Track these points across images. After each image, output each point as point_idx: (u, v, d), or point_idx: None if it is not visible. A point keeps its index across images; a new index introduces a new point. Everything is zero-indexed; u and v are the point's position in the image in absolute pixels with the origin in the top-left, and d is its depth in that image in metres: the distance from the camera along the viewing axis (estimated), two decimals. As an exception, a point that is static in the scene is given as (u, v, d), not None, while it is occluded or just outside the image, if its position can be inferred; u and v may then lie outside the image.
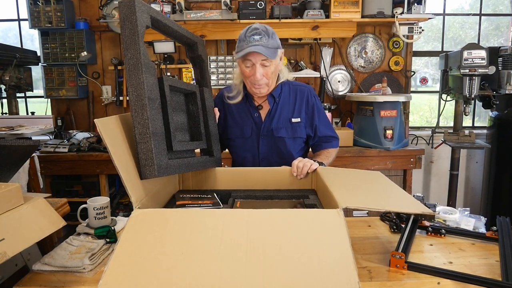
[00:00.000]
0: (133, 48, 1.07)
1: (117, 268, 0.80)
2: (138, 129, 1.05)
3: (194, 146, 1.37)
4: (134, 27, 1.06)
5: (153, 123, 1.07)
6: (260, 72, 1.52)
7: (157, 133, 1.08)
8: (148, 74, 1.08)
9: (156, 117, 1.09)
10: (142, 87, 1.06)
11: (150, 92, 1.08)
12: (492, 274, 1.00)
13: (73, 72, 3.18)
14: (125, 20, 1.08)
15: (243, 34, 1.51)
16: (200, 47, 1.53)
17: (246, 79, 1.59)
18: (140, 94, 1.06)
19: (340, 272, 0.79)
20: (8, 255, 0.84)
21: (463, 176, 3.63)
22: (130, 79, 1.07)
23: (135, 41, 1.06)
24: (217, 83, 3.23)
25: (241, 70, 1.58)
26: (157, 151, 1.06)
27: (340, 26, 3.03)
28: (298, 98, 1.69)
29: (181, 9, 2.89)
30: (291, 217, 0.94)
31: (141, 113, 1.05)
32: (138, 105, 1.06)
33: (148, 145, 1.05)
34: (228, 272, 0.79)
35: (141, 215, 0.95)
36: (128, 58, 1.07)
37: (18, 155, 1.19)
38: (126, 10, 1.08)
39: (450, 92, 3.10)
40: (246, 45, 1.48)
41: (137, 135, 1.06)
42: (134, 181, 1.04)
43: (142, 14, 1.09)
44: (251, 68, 1.53)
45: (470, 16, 3.81)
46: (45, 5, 3.01)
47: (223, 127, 1.74)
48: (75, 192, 2.87)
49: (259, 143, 1.68)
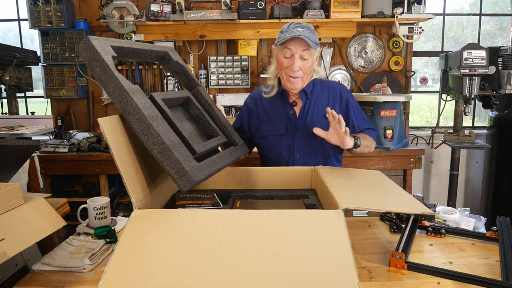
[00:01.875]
0: (111, 81, 1.03)
1: (117, 268, 0.80)
2: (156, 150, 1.02)
3: (215, 142, 1.34)
4: (102, 62, 1.03)
5: (166, 136, 1.04)
6: (298, 63, 1.55)
7: (175, 144, 1.05)
8: (137, 97, 1.05)
9: (166, 130, 1.06)
10: (138, 110, 1.02)
11: (148, 111, 1.05)
12: (492, 274, 1.00)
13: (73, 72, 3.18)
14: (91, 61, 1.04)
15: (286, 26, 1.55)
16: (172, 54, 1.48)
17: (282, 71, 1.60)
18: (140, 117, 1.02)
19: (340, 272, 0.79)
20: (8, 255, 0.84)
21: (463, 176, 3.63)
22: (124, 109, 1.04)
23: (110, 74, 1.03)
24: (217, 83, 3.23)
25: (279, 61, 1.60)
26: (183, 159, 1.04)
27: (340, 26, 3.03)
28: (331, 94, 1.71)
29: (181, 9, 2.89)
30: (291, 218, 0.94)
31: (150, 134, 1.02)
32: (143, 128, 1.02)
33: (172, 158, 1.02)
34: (228, 272, 0.79)
35: (141, 215, 0.95)
36: (111, 92, 1.04)
37: (18, 155, 1.19)
38: (87, 52, 1.04)
39: (450, 92, 3.10)
40: (289, 34, 1.51)
41: (158, 156, 1.02)
42: (135, 181, 1.04)
43: (103, 48, 1.06)
44: (290, 59, 1.56)
45: (471, 16, 3.81)
46: (45, 5, 3.01)
47: (257, 125, 1.74)
48: (75, 192, 2.87)
49: (294, 140, 1.67)
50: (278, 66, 1.63)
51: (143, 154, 1.15)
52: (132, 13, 2.94)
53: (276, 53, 1.63)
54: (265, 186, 1.50)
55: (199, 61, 3.29)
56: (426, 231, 1.26)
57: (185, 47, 3.26)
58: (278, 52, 1.60)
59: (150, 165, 1.18)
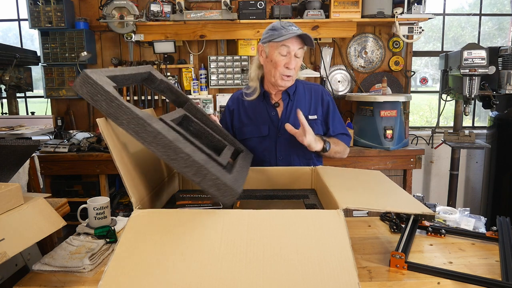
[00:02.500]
0: (122, 113, 0.96)
1: (117, 268, 0.80)
2: (190, 172, 0.95)
3: (229, 153, 1.33)
4: (107, 95, 0.96)
5: (196, 155, 0.97)
6: (295, 61, 1.55)
7: (206, 161, 1.00)
8: (154, 122, 0.98)
9: (193, 150, 1.00)
10: (162, 136, 0.94)
11: (170, 135, 0.97)
12: (492, 274, 1.00)
13: (73, 72, 3.18)
14: (94, 96, 0.96)
15: (279, 24, 1.54)
16: (155, 73, 1.41)
17: (277, 69, 1.57)
18: (165, 143, 0.94)
19: (340, 272, 0.79)
20: (8, 255, 0.84)
21: (463, 176, 3.63)
22: (144, 138, 0.95)
23: (120, 105, 0.96)
24: (217, 83, 3.23)
25: (273, 59, 1.57)
26: (220, 174, 0.98)
27: (340, 26, 3.03)
28: (313, 96, 1.71)
29: (181, 9, 2.89)
30: (291, 218, 0.94)
31: (180, 157, 0.94)
32: (170, 153, 0.94)
33: (209, 176, 0.95)
34: (228, 272, 0.79)
35: (141, 215, 0.95)
36: (125, 124, 0.95)
37: (18, 155, 1.19)
38: (87, 87, 0.97)
39: (450, 92, 3.10)
40: (287, 32, 1.50)
41: (193, 178, 0.95)
42: (135, 181, 1.04)
43: (102, 80, 1.00)
44: (286, 57, 1.55)
45: (470, 16, 3.81)
46: (45, 5, 3.01)
47: (239, 127, 1.74)
48: (75, 192, 2.87)
49: (277, 141, 1.67)
50: (271, 64, 1.59)
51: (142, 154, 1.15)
52: (132, 13, 2.94)
53: (267, 51, 1.59)
54: (265, 186, 1.50)
55: (199, 61, 3.29)
56: (426, 231, 1.26)
57: (185, 47, 3.26)
58: (271, 49, 1.56)
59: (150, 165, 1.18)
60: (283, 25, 1.54)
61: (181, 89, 3.31)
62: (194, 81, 3.25)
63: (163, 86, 1.44)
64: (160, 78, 1.41)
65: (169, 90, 1.47)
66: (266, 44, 1.59)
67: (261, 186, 1.50)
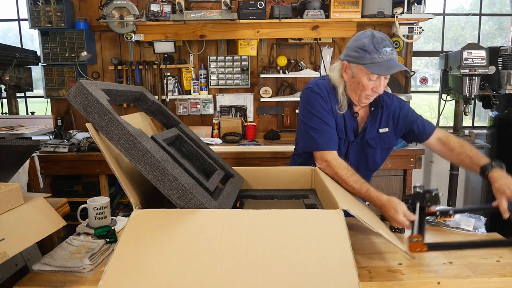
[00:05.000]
0: (113, 127, 0.95)
1: (117, 268, 0.80)
2: (175, 195, 0.96)
3: (219, 178, 1.31)
4: (101, 108, 0.96)
5: (183, 178, 0.98)
6: (384, 83, 1.45)
7: (192, 186, 1.00)
8: (145, 140, 0.98)
9: (180, 172, 1.00)
10: (150, 155, 0.95)
11: (159, 155, 0.98)
12: (492, 274, 1.00)
13: (73, 72, 3.18)
14: (87, 107, 0.96)
15: (371, 45, 1.39)
16: (147, 94, 1.40)
17: (364, 92, 1.46)
18: (152, 162, 0.95)
19: (340, 272, 0.79)
20: (8, 255, 0.84)
21: (463, 176, 3.63)
22: (132, 156, 0.95)
23: (112, 119, 0.95)
24: (217, 83, 3.23)
25: (362, 83, 1.44)
26: (205, 200, 0.99)
27: (340, 26, 3.03)
28: (385, 111, 1.59)
29: (181, 9, 2.89)
30: (291, 218, 0.94)
31: (166, 179, 0.95)
32: (157, 174, 0.95)
33: (194, 201, 0.96)
34: (228, 272, 0.79)
35: (141, 215, 0.95)
36: (116, 139, 0.95)
37: (18, 155, 1.19)
38: (80, 98, 0.96)
39: (450, 92, 3.10)
40: (381, 58, 1.38)
41: (177, 201, 0.96)
42: (132, 183, 1.04)
43: (97, 93, 0.99)
44: (375, 82, 1.43)
45: (470, 16, 3.81)
46: (45, 5, 3.01)
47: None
48: (75, 192, 2.87)
49: (349, 148, 1.59)
50: (357, 86, 1.47)
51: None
52: (132, 13, 2.94)
53: (355, 72, 1.45)
54: (265, 186, 1.50)
55: (199, 61, 3.29)
56: (435, 216, 1.25)
57: (185, 47, 3.26)
58: (360, 73, 1.43)
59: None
60: (376, 46, 1.38)
61: (181, 89, 3.31)
62: (194, 81, 3.25)
63: (154, 108, 1.43)
64: (151, 99, 1.40)
65: (160, 112, 1.45)
66: (354, 65, 1.45)
67: (261, 186, 1.51)
